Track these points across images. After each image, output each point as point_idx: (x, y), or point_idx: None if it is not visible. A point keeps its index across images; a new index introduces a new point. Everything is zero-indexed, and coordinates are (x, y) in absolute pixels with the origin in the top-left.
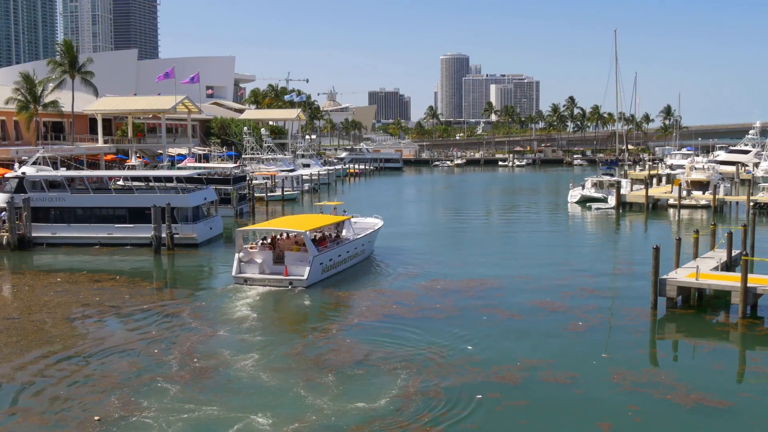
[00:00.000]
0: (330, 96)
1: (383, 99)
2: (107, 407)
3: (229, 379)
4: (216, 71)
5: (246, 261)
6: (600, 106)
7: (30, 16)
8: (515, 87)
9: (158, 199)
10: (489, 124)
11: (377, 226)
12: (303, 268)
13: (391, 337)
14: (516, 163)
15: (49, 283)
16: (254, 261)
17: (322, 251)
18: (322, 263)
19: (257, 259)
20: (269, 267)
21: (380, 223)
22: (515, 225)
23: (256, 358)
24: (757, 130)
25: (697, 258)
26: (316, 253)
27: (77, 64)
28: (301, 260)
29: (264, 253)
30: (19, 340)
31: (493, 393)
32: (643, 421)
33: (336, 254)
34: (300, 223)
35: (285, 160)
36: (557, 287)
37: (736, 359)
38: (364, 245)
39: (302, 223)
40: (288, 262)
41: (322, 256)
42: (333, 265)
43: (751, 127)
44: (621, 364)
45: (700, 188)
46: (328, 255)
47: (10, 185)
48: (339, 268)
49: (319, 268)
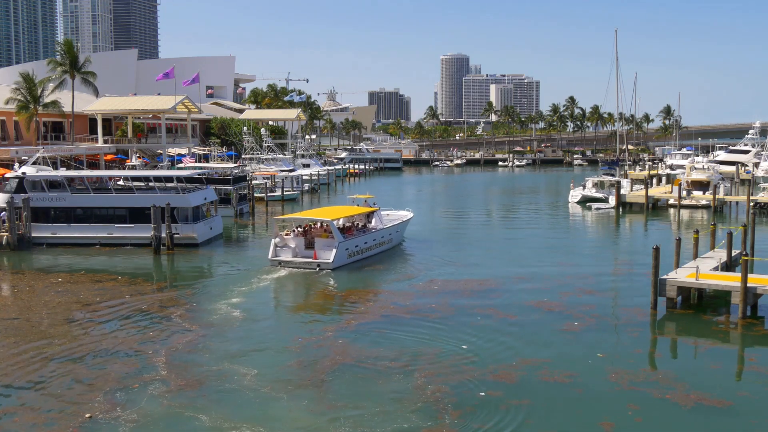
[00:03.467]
0: (330, 96)
1: (383, 99)
2: (99, 406)
3: (220, 381)
4: (216, 71)
5: (281, 246)
6: (600, 106)
7: (30, 16)
8: (515, 87)
9: (158, 199)
10: (489, 124)
11: (406, 218)
12: (329, 252)
13: (387, 337)
14: (516, 163)
15: (50, 283)
16: (288, 246)
17: (348, 238)
18: (348, 249)
19: (291, 245)
20: (301, 251)
21: (410, 215)
22: (515, 225)
23: (251, 360)
24: (757, 130)
25: (697, 258)
26: (342, 240)
27: (77, 64)
28: (328, 246)
29: (297, 239)
30: (18, 341)
31: (494, 391)
32: (644, 421)
33: (362, 241)
34: (330, 213)
35: (285, 160)
36: (556, 287)
37: (735, 359)
38: (391, 234)
39: (332, 213)
40: (317, 247)
41: (347, 242)
42: (359, 251)
43: (751, 127)
44: (619, 364)
45: (700, 188)
46: (354, 242)
47: (10, 185)
48: (365, 254)
49: (344, 253)
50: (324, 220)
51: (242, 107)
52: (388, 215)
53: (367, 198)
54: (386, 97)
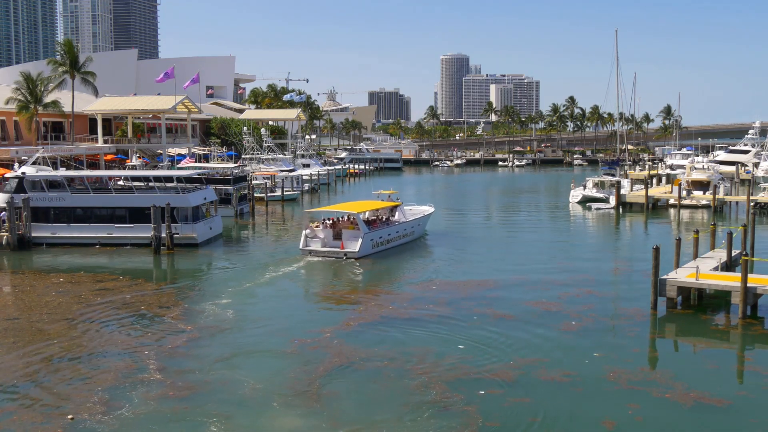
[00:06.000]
0: (330, 96)
1: (383, 99)
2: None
3: (215, 384)
4: (216, 71)
5: (311, 237)
6: (600, 106)
7: (30, 16)
8: (515, 87)
9: (158, 199)
10: (489, 124)
11: (427, 212)
12: (355, 242)
13: (385, 337)
14: (516, 163)
15: (51, 283)
16: (317, 237)
17: (373, 230)
18: (372, 239)
19: (320, 236)
20: (329, 242)
21: (431, 209)
22: (515, 225)
23: (247, 362)
24: (757, 130)
25: (697, 258)
26: (367, 231)
27: (77, 64)
28: (354, 237)
29: (325, 230)
30: (17, 341)
31: (493, 390)
32: (645, 420)
33: (386, 233)
34: (356, 207)
35: (285, 160)
36: (556, 287)
37: (735, 359)
38: (413, 227)
39: (358, 207)
40: (344, 238)
41: (372, 233)
42: (383, 241)
43: (750, 127)
44: (618, 364)
45: (700, 188)
46: (378, 233)
47: (10, 185)
48: (389, 245)
49: (369, 244)
50: (351, 213)
51: (242, 107)
52: (410, 210)
53: (390, 193)
54: (386, 97)
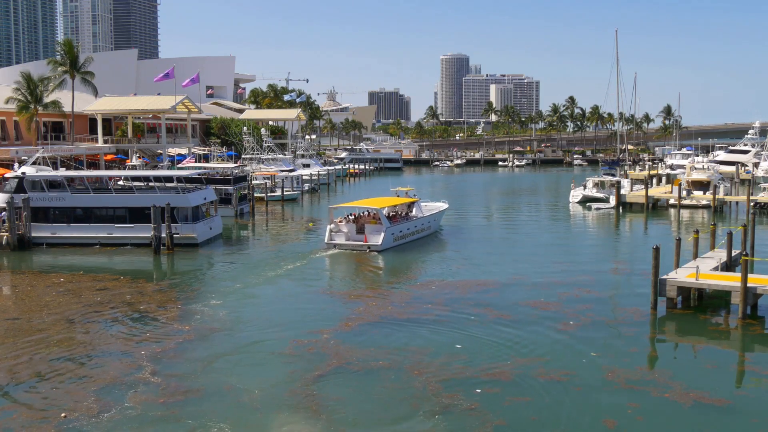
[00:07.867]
0: (330, 96)
1: (383, 99)
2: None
3: (213, 385)
4: (216, 71)
5: (335, 231)
6: (600, 106)
7: (30, 16)
8: (515, 87)
9: (158, 199)
10: (489, 124)
11: (442, 209)
12: (378, 236)
13: (383, 338)
14: (516, 163)
15: (51, 283)
16: (341, 231)
17: (394, 224)
18: (393, 233)
19: (344, 230)
20: (353, 235)
21: (445, 206)
22: (515, 225)
23: (244, 363)
24: (757, 130)
25: (697, 258)
26: (389, 225)
27: (77, 64)
28: (377, 231)
29: (349, 225)
30: (16, 341)
31: (490, 389)
32: (644, 420)
33: (405, 228)
34: (377, 203)
35: (285, 160)
36: (556, 287)
37: (735, 359)
38: (429, 222)
39: (379, 203)
40: (367, 232)
41: (393, 228)
42: (402, 235)
43: (750, 127)
44: (618, 363)
45: (700, 188)
46: (399, 228)
47: (10, 185)
48: (408, 239)
49: (390, 237)
50: (373, 208)
51: (242, 107)
52: (426, 206)
53: (408, 190)
54: (386, 97)
